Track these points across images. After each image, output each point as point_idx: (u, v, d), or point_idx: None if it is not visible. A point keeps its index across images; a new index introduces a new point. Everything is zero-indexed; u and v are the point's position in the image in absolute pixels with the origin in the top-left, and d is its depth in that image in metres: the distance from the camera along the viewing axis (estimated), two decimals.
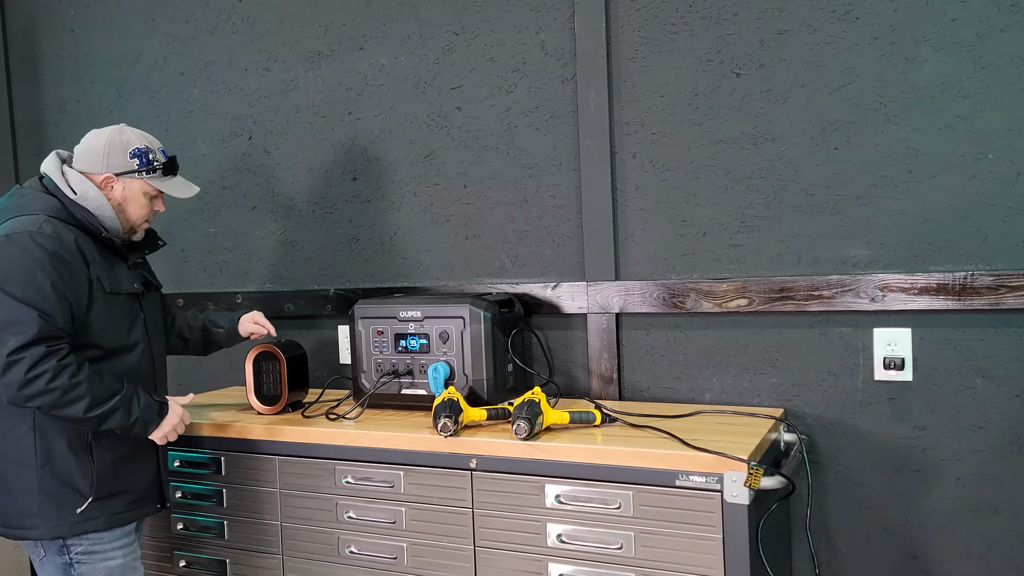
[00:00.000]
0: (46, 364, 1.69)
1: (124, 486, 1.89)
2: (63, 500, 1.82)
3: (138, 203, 1.94)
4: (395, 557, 1.96)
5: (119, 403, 1.78)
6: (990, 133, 1.87)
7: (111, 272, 1.88)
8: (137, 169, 1.92)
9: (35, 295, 1.71)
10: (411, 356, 2.14)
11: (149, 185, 1.94)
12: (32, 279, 1.72)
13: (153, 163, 1.95)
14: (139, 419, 1.82)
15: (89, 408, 1.73)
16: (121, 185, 1.92)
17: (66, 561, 1.85)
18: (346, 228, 2.60)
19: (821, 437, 2.05)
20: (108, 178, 1.90)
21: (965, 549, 1.94)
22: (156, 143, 2.00)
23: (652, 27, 2.17)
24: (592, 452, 1.75)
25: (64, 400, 1.71)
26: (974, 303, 1.88)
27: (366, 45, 2.53)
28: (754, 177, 2.08)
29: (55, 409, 1.72)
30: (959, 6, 1.88)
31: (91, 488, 1.83)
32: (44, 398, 1.70)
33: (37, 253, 1.73)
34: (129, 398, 1.80)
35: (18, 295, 1.70)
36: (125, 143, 1.93)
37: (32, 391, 1.69)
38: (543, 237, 2.33)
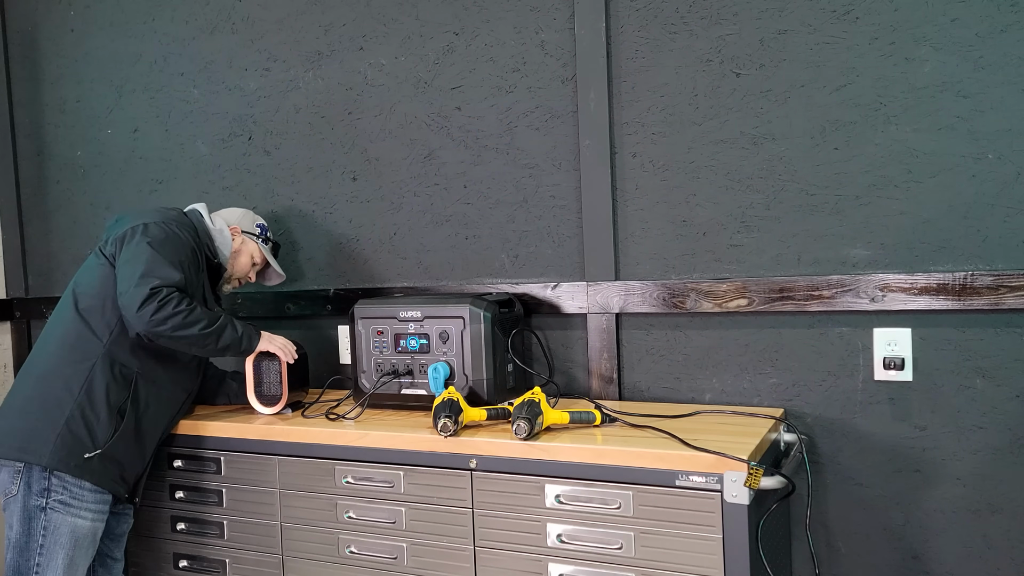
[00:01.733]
0: (174, 297, 1.99)
1: (122, 458, 2.04)
2: (78, 439, 1.98)
3: (245, 259, 2.32)
4: (395, 557, 1.96)
5: (225, 321, 2.07)
6: (990, 133, 1.87)
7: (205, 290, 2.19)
8: (258, 234, 2.37)
9: (177, 262, 2.05)
10: (411, 356, 2.14)
11: (259, 252, 2.35)
12: (176, 252, 2.06)
13: (269, 237, 2.41)
14: (243, 334, 2.10)
15: (208, 326, 2.01)
16: (241, 239, 2.32)
17: (40, 505, 1.96)
18: (346, 228, 2.60)
19: (821, 437, 2.06)
20: (235, 229, 2.32)
21: (965, 549, 1.94)
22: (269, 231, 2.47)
23: (652, 27, 2.17)
24: (592, 452, 1.75)
25: (188, 320, 1.98)
26: (974, 303, 1.88)
27: (366, 45, 2.53)
28: (754, 177, 2.08)
29: (182, 329, 1.98)
30: (959, 6, 1.88)
31: (105, 443, 1.99)
32: (174, 319, 1.96)
33: (182, 238, 2.10)
34: (229, 319, 2.09)
35: (166, 256, 2.03)
36: (254, 218, 2.41)
37: (164, 315, 1.95)
38: (543, 237, 2.33)
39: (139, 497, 2.14)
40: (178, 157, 2.84)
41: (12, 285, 3.17)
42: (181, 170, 2.83)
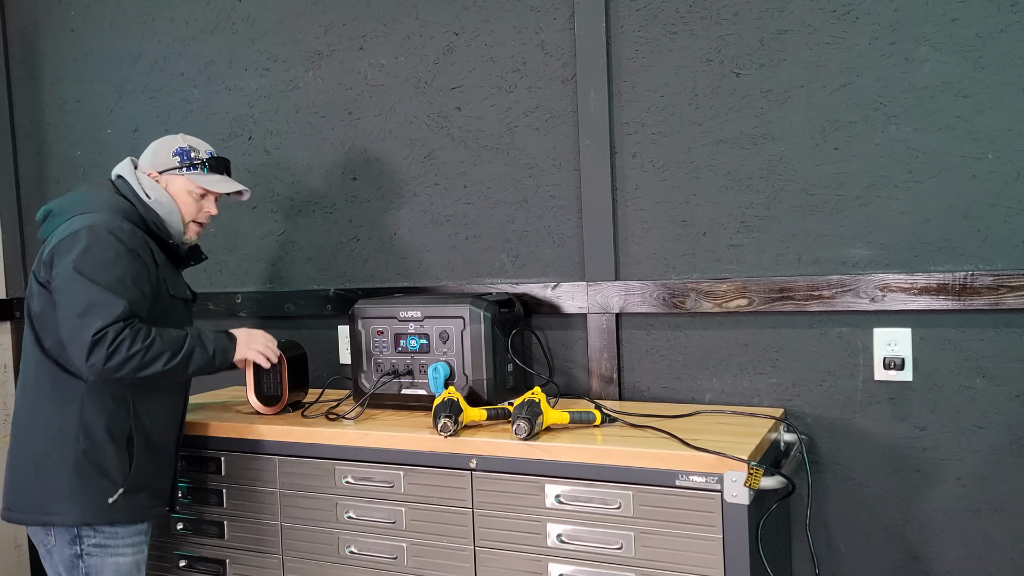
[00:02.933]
0: (123, 335, 1.76)
1: (151, 482, 1.94)
2: (96, 487, 1.85)
3: (182, 202, 1.99)
4: (395, 557, 1.96)
5: (192, 343, 1.87)
6: (990, 133, 1.87)
7: (173, 277, 1.98)
8: (178, 165, 1.99)
9: (116, 284, 1.79)
10: (411, 356, 2.14)
11: (192, 182, 1.99)
12: (113, 269, 1.79)
13: (194, 160, 2.00)
14: (217, 349, 1.91)
15: (171, 357, 1.82)
16: (164, 182, 1.99)
17: (75, 552, 1.86)
18: (346, 228, 2.60)
19: (821, 437, 2.06)
20: (151, 175, 1.98)
21: (965, 549, 1.94)
22: (205, 147, 2.05)
23: (652, 27, 2.17)
24: (592, 452, 1.75)
25: (148, 359, 1.79)
26: (974, 303, 1.88)
27: (366, 45, 2.53)
28: (754, 177, 2.08)
29: (143, 370, 1.78)
30: (959, 6, 1.88)
31: (125, 480, 1.87)
32: (130, 363, 1.77)
33: (117, 246, 1.81)
34: (197, 336, 1.90)
35: (101, 282, 1.77)
36: (170, 143, 2.02)
37: (117, 360, 1.76)
38: (543, 237, 2.33)
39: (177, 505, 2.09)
40: None
41: (12, 285, 3.17)
42: None
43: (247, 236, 2.75)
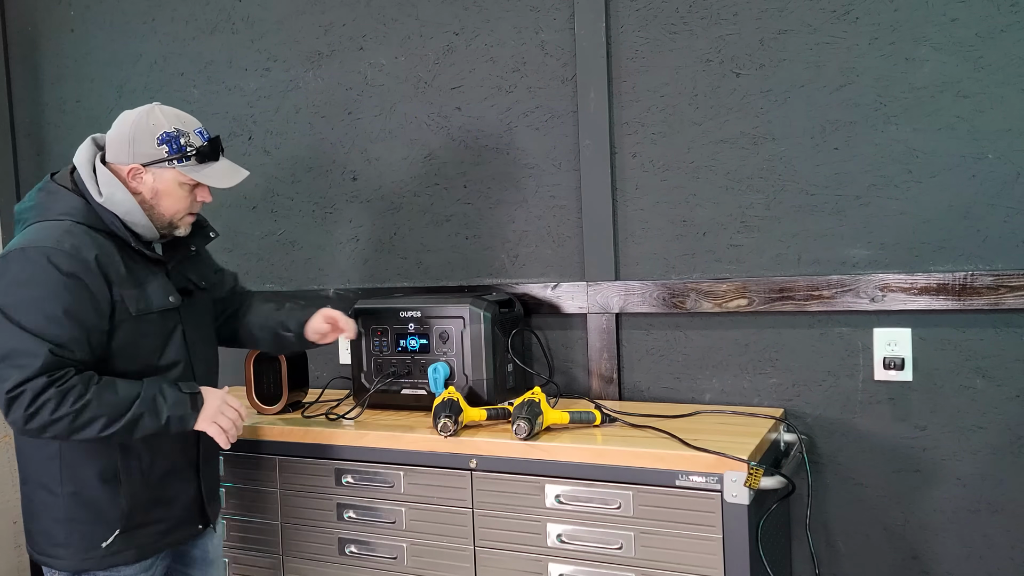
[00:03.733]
0: (46, 394, 1.52)
1: (157, 515, 1.73)
2: (89, 532, 1.67)
3: (173, 196, 1.69)
4: (395, 557, 1.96)
5: (141, 407, 1.58)
6: (990, 133, 1.87)
7: (140, 290, 1.67)
8: (167, 157, 1.66)
9: (44, 324, 1.53)
10: (411, 356, 2.14)
11: (184, 175, 1.68)
12: (43, 305, 1.54)
13: (185, 149, 1.67)
14: (172, 417, 1.61)
15: (107, 425, 1.56)
16: (151, 176, 1.67)
17: None
18: (346, 228, 2.60)
19: (821, 437, 2.05)
20: (135, 170, 1.67)
21: (965, 549, 1.94)
22: (193, 124, 1.72)
23: (652, 27, 2.17)
24: (592, 452, 1.75)
25: (76, 425, 1.54)
26: (974, 303, 1.88)
27: (366, 45, 2.53)
28: (754, 177, 2.08)
29: (72, 435, 1.56)
30: (959, 6, 1.88)
31: (120, 520, 1.67)
32: (54, 428, 1.54)
33: (51, 275, 1.54)
34: (151, 398, 1.60)
35: (26, 324, 1.53)
36: (153, 127, 1.67)
37: (39, 424, 1.53)
38: (543, 237, 2.33)
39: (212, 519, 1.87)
40: None
41: None
42: None
43: (247, 236, 2.75)
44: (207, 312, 1.90)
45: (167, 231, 1.75)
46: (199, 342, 1.82)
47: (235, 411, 1.71)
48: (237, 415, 1.71)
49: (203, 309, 1.88)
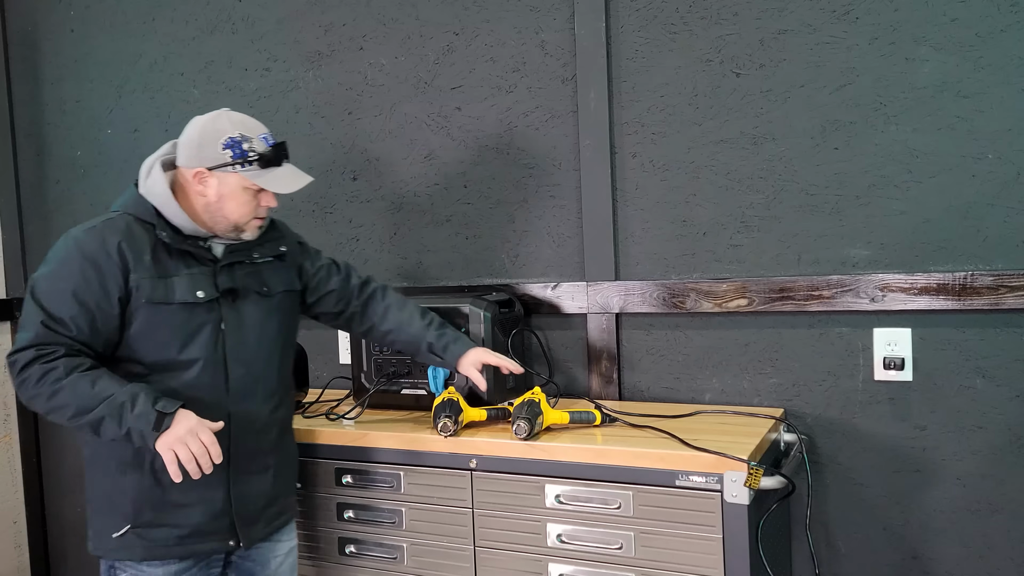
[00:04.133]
0: (31, 368, 1.59)
1: (169, 519, 1.70)
2: (105, 519, 1.72)
3: (237, 200, 1.71)
4: (395, 557, 1.96)
5: (106, 410, 1.57)
6: (990, 133, 1.87)
7: (163, 280, 1.67)
8: (231, 162, 1.69)
9: (52, 299, 1.61)
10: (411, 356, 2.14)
11: (247, 179, 1.70)
12: (56, 282, 1.62)
13: (248, 154, 1.70)
14: (132, 429, 1.57)
15: (75, 415, 1.58)
16: (216, 180, 1.70)
17: None
18: (346, 228, 2.60)
19: (821, 437, 2.05)
20: (200, 173, 1.70)
21: (965, 549, 1.94)
22: (258, 130, 1.74)
23: (652, 27, 2.17)
24: (592, 452, 1.75)
25: (51, 405, 1.59)
26: (974, 303, 1.88)
27: (366, 45, 2.53)
28: (754, 177, 2.08)
29: (49, 414, 1.61)
30: (959, 6, 1.88)
31: (129, 514, 1.69)
32: (35, 403, 1.61)
33: (72, 255, 1.63)
34: (119, 404, 1.57)
35: (38, 296, 1.63)
36: (218, 132, 1.70)
37: (24, 395, 1.61)
38: (543, 237, 2.33)
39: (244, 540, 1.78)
40: None
41: (12, 285, 3.17)
42: None
43: None
44: (270, 318, 1.83)
45: (233, 234, 1.76)
46: (243, 344, 1.76)
47: (201, 446, 1.59)
48: (202, 450, 1.59)
49: (261, 314, 1.81)
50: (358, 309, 1.99)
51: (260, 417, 1.80)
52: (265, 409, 1.81)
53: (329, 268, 2.00)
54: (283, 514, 1.88)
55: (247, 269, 1.80)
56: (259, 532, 1.82)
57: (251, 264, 1.81)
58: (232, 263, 1.77)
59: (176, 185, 1.74)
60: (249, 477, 1.78)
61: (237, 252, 1.78)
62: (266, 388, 1.81)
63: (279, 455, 1.85)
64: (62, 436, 3.14)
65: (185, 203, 1.73)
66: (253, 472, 1.79)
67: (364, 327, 2.00)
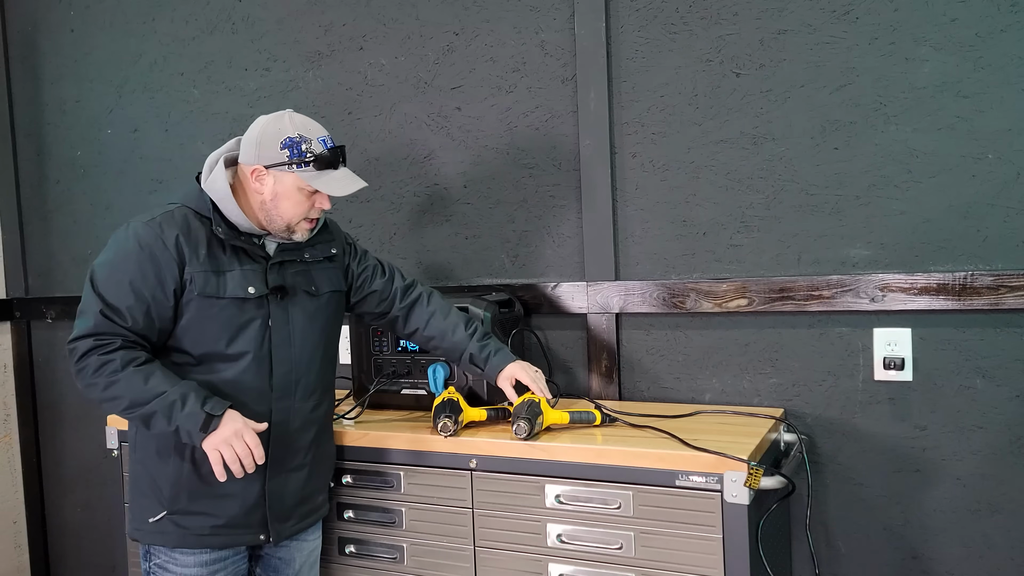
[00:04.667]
0: (89, 358, 1.65)
1: (205, 508, 1.74)
2: (144, 503, 1.77)
3: (292, 200, 1.73)
4: (395, 557, 1.96)
5: (157, 406, 1.63)
6: (990, 133, 1.87)
7: (216, 275, 1.71)
8: (287, 161, 1.72)
9: (110, 288, 1.66)
10: (411, 356, 2.14)
11: (303, 180, 1.73)
12: (114, 272, 1.67)
13: (305, 155, 1.72)
14: (181, 428, 1.64)
15: (128, 407, 1.64)
16: (272, 179, 1.73)
17: (147, 568, 1.80)
18: (346, 228, 2.59)
19: (821, 437, 2.05)
20: (258, 171, 1.73)
21: (965, 549, 1.94)
22: (318, 132, 1.78)
23: (652, 27, 2.17)
24: (592, 452, 1.75)
25: (105, 396, 1.65)
26: (974, 303, 1.88)
27: (366, 45, 2.53)
28: (754, 177, 2.08)
29: (103, 404, 1.67)
30: (959, 6, 1.88)
31: (166, 499, 1.74)
32: (91, 391, 1.66)
33: (131, 246, 1.68)
34: (170, 402, 1.63)
35: (97, 284, 1.67)
36: (278, 131, 1.73)
37: (82, 382, 1.67)
38: (543, 237, 2.33)
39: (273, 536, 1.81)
40: (178, 157, 2.84)
41: (12, 285, 3.17)
42: (181, 170, 2.83)
43: None
44: (315, 317, 1.85)
45: (285, 234, 1.78)
46: (288, 342, 1.79)
47: (246, 447, 1.65)
48: (247, 451, 1.65)
49: (308, 313, 1.83)
50: (401, 313, 2.00)
51: (300, 414, 1.82)
52: (306, 407, 1.83)
53: (375, 269, 2.01)
54: (314, 512, 1.91)
55: (297, 268, 1.83)
56: (289, 529, 1.84)
57: (302, 263, 1.84)
58: (283, 261, 1.80)
59: (236, 182, 1.78)
60: (286, 474, 1.81)
61: (289, 251, 1.82)
62: (307, 386, 1.83)
63: (316, 453, 1.87)
64: (62, 436, 3.14)
65: (243, 200, 1.76)
66: (290, 469, 1.82)
67: (408, 331, 2.02)
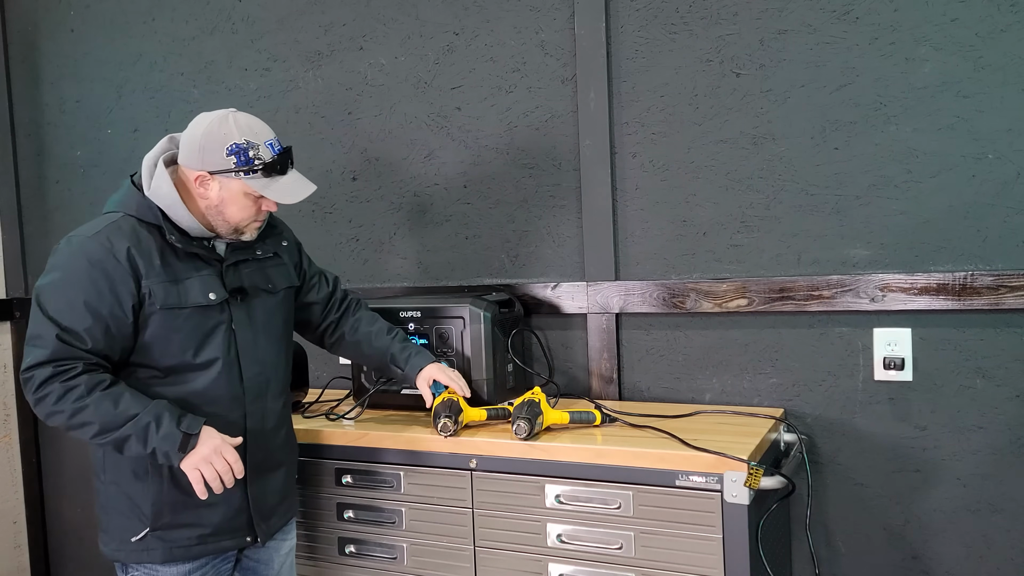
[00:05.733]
0: (50, 386, 1.56)
1: (189, 519, 1.70)
2: (123, 524, 1.70)
3: (238, 205, 1.68)
4: (395, 557, 1.96)
5: (131, 430, 1.57)
6: (990, 133, 1.87)
7: (175, 284, 1.65)
8: (234, 168, 1.64)
9: (63, 311, 1.57)
10: None
11: (249, 187, 1.66)
12: (65, 292, 1.58)
13: (253, 162, 1.65)
14: (157, 450, 1.58)
15: (99, 433, 1.57)
16: (218, 185, 1.66)
17: None
18: (346, 228, 2.60)
19: (821, 437, 2.05)
20: (202, 177, 1.66)
21: (965, 549, 1.94)
22: (264, 135, 1.70)
23: (652, 27, 2.17)
24: (592, 452, 1.75)
25: (73, 423, 1.57)
26: (974, 303, 1.88)
27: (366, 45, 2.53)
28: (754, 177, 2.08)
29: (70, 431, 1.59)
30: (959, 6, 1.88)
31: (149, 517, 1.68)
32: (55, 419, 1.58)
33: (79, 263, 1.59)
34: (144, 425, 1.57)
35: (47, 309, 1.58)
36: (224, 137, 1.65)
37: (43, 411, 1.58)
38: (543, 237, 2.33)
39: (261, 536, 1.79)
40: None
41: (12, 285, 3.17)
42: None
43: None
44: (275, 315, 1.83)
45: (233, 236, 1.74)
46: (253, 343, 1.76)
47: (225, 464, 1.62)
48: (227, 468, 1.63)
49: (268, 311, 1.81)
50: (334, 320, 2.01)
51: (273, 414, 1.81)
52: (277, 406, 1.82)
53: (320, 278, 2.02)
54: (291, 508, 1.92)
55: (252, 267, 1.81)
56: (274, 526, 1.84)
57: (255, 261, 1.81)
58: (237, 261, 1.77)
59: (178, 183, 1.70)
60: (265, 474, 1.80)
61: (240, 250, 1.78)
62: (277, 385, 1.83)
63: (287, 450, 1.88)
64: (62, 436, 3.14)
65: (189, 203, 1.69)
66: (268, 469, 1.81)
67: (334, 337, 2.01)
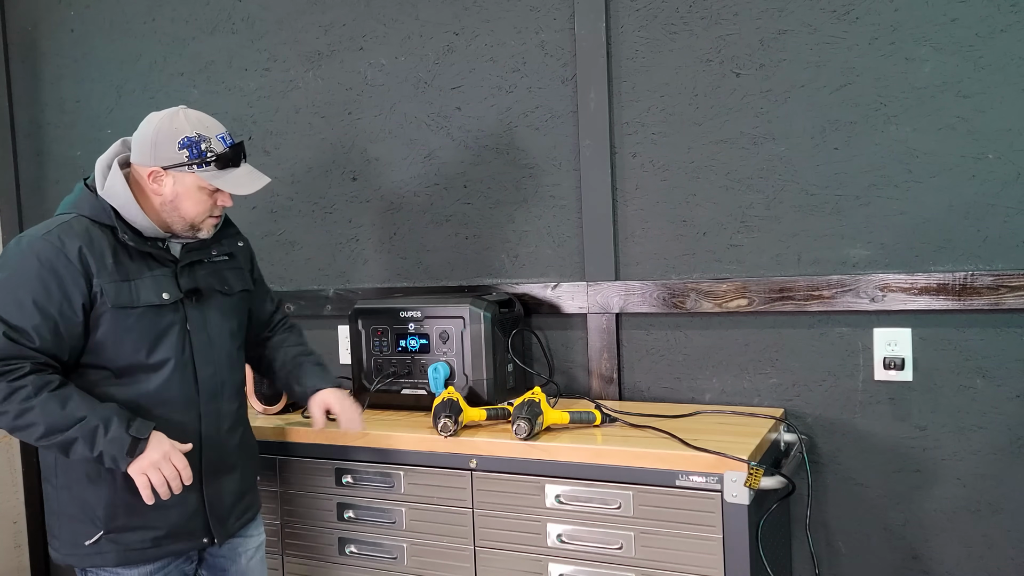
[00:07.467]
0: None
1: (145, 522, 1.68)
2: (76, 528, 1.68)
3: (193, 199, 1.68)
4: (395, 557, 1.96)
5: (78, 433, 1.55)
6: (990, 133, 1.87)
7: (127, 284, 1.64)
8: (187, 162, 1.66)
9: (12, 309, 1.56)
10: (411, 356, 2.14)
11: (203, 180, 1.67)
12: (15, 291, 1.57)
13: (206, 154, 1.67)
14: (104, 453, 1.56)
15: (45, 435, 1.55)
16: (171, 179, 1.66)
17: None
18: (346, 228, 2.60)
19: (821, 437, 2.05)
20: (155, 172, 1.66)
21: (965, 549, 1.94)
22: (215, 129, 1.72)
23: (652, 27, 2.17)
24: (592, 452, 1.75)
25: (18, 424, 1.55)
26: (974, 303, 1.88)
27: (366, 45, 2.53)
28: (754, 177, 2.08)
29: (14, 432, 1.57)
30: (959, 6, 1.88)
31: (103, 520, 1.66)
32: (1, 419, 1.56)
33: (29, 262, 1.58)
34: (92, 428, 1.55)
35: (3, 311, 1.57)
36: (175, 131, 1.66)
37: None
38: (543, 237, 2.33)
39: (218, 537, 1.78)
40: None
41: None
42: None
43: (247, 236, 2.74)
44: (230, 316, 1.83)
45: (190, 233, 1.74)
46: (209, 344, 1.76)
47: (174, 470, 1.61)
48: (175, 473, 1.61)
49: (223, 313, 1.81)
50: (266, 337, 2.02)
51: (228, 415, 1.80)
52: (232, 407, 1.81)
53: (267, 295, 2.03)
54: (251, 508, 1.89)
55: (207, 268, 1.80)
56: (231, 527, 1.82)
57: (210, 263, 1.81)
58: (192, 263, 1.76)
59: (132, 183, 1.69)
60: (221, 476, 1.78)
61: (195, 252, 1.78)
62: (231, 386, 1.81)
63: (244, 451, 1.86)
64: None
65: (143, 203, 1.69)
66: (224, 471, 1.79)
67: (258, 352, 2.01)
